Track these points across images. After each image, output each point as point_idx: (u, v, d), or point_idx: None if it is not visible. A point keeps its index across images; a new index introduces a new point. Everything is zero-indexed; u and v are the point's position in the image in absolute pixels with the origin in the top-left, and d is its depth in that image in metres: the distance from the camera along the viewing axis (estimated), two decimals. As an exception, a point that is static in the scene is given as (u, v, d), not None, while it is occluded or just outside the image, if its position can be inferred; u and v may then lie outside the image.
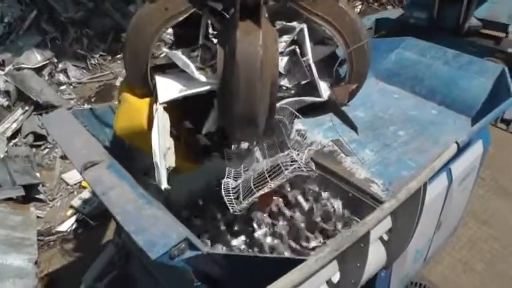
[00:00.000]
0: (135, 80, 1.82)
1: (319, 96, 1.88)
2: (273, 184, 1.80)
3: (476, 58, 3.10)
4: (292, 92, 1.89)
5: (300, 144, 1.94)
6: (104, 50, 6.31)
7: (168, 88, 1.77)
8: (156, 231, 1.57)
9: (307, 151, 1.87)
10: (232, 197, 1.81)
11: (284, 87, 1.87)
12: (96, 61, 6.20)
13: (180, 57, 1.75)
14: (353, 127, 2.05)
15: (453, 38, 5.02)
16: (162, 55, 1.92)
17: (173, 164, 1.83)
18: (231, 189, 1.85)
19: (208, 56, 1.75)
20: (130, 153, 2.19)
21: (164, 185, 1.76)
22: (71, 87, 5.88)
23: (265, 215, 2.27)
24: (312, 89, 1.88)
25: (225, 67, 1.60)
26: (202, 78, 1.72)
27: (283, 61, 1.84)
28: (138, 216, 1.64)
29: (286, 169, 1.79)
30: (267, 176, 1.80)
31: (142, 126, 1.80)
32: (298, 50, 1.81)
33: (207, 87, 1.74)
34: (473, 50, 4.61)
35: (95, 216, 4.00)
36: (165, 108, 1.76)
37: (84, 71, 6.12)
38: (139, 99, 1.83)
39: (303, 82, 1.86)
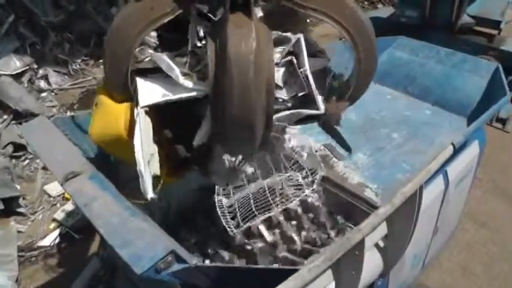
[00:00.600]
0: (114, 84, 1.76)
1: (317, 108, 1.85)
2: (279, 209, 1.79)
3: (469, 56, 3.13)
4: (289, 104, 1.87)
5: (299, 165, 1.94)
6: (86, 55, 6.28)
7: (150, 91, 1.73)
8: (142, 244, 1.54)
9: (316, 178, 1.87)
10: (229, 217, 1.79)
11: (280, 100, 1.86)
12: (78, 66, 6.17)
13: (164, 59, 1.71)
14: (347, 148, 2.05)
15: (446, 36, 5.08)
16: (146, 59, 1.90)
17: (158, 172, 1.77)
18: (225, 209, 1.82)
19: (194, 62, 1.73)
20: (115, 162, 2.17)
21: (150, 194, 1.70)
22: (52, 94, 5.83)
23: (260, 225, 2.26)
24: (308, 101, 1.86)
25: (216, 65, 1.55)
26: (188, 84, 1.68)
27: (279, 72, 1.80)
28: (122, 229, 1.61)
29: (295, 195, 1.77)
30: (270, 199, 1.78)
31: (120, 132, 1.74)
32: (295, 61, 1.78)
33: (193, 94, 1.71)
34: (467, 48, 4.66)
35: (79, 229, 3.95)
36: (146, 113, 1.72)
37: (66, 76, 6.08)
38: (118, 104, 1.78)
39: (300, 94, 1.83)
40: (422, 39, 3.37)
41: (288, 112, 1.84)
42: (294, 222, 2.24)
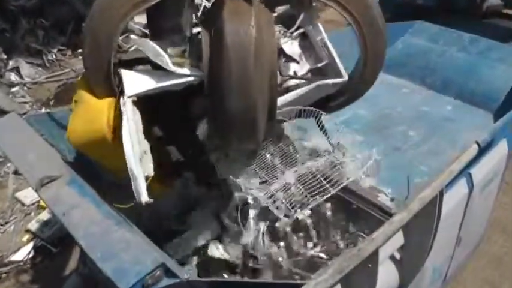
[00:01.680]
0: (95, 76, 1.77)
1: (340, 76, 1.91)
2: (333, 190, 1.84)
3: (496, 43, 3.14)
4: (303, 81, 1.92)
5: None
6: (63, 44, 6.30)
7: (138, 80, 1.74)
8: (127, 257, 1.56)
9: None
10: (275, 208, 1.83)
11: (288, 78, 1.91)
12: (54, 57, 6.19)
13: (151, 45, 1.72)
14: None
15: (470, 20, 5.09)
16: (132, 48, 1.91)
17: (152, 172, 1.75)
18: (268, 200, 1.86)
19: (194, 51, 1.74)
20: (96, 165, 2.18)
21: (144, 197, 1.66)
22: (25, 88, 5.86)
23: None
24: (325, 73, 1.94)
25: (212, 55, 1.58)
26: (179, 71, 1.70)
27: (293, 45, 1.88)
28: (105, 240, 1.63)
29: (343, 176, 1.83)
30: (322, 180, 1.83)
31: (102, 132, 1.73)
32: (309, 31, 1.87)
33: (187, 79, 1.71)
34: (493, 33, 4.67)
35: (56, 241, 3.96)
36: (134, 104, 1.72)
37: (40, 68, 6.10)
38: (100, 100, 1.79)
39: (320, 64, 1.91)
40: (443, 24, 3.38)
41: (307, 87, 1.88)
42: (301, 234, 2.26)
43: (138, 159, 1.67)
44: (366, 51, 1.92)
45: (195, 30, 1.82)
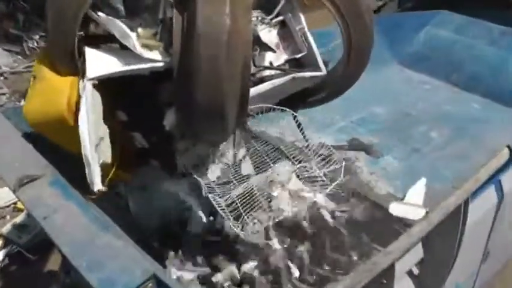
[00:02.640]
0: (58, 52, 1.78)
1: (318, 69, 1.96)
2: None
3: (530, 36, 3.15)
4: (278, 72, 1.97)
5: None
6: (46, 30, 6.31)
7: (101, 61, 1.76)
8: (115, 266, 1.56)
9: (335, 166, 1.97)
10: (231, 218, 1.87)
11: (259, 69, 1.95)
12: (35, 44, 6.22)
13: (117, 25, 1.73)
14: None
15: (500, 10, 5.08)
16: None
17: (109, 159, 1.83)
18: (226, 209, 1.88)
19: (165, 34, 1.76)
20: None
21: (98, 185, 1.74)
22: (2, 78, 5.87)
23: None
24: (302, 65, 2.00)
25: (183, 42, 1.61)
26: (146, 55, 1.72)
27: (271, 33, 1.93)
28: (90, 247, 1.62)
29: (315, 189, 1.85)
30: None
31: (61, 113, 1.75)
32: (289, 19, 1.92)
33: (154, 65, 1.74)
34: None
35: (33, 248, 3.97)
36: (94, 87, 1.74)
37: (20, 57, 6.13)
38: (62, 78, 1.80)
39: (298, 56, 1.96)
40: (470, 15, 3.39)
41: (282, 78, 1.92)
42: (307, 244, 2.27)
43: (94, 145, 1.72)
44: (350, 46, 1.96)
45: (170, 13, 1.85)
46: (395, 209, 2.14)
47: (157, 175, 2.23)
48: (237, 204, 1.93)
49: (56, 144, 1.95)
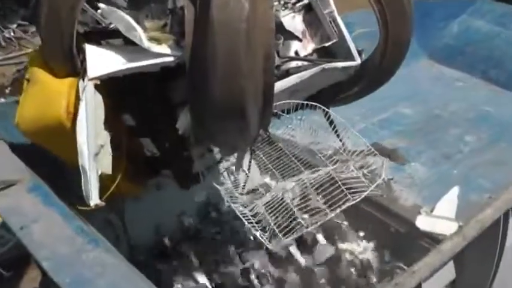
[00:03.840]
0: (54, 51, 1.78)
1: (351, 58, 1.94)
2: (333, 213, 1.85)
3: None
4: (306, 63, 1.95)
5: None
6: (24, 18, 6.35)
7: (104, 59, 1.75)
8: (103, 283, 1.56)
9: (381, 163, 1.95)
10: (259, 230, 1.87)
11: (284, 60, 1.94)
12: (12, 34, 6.24)
13: (122, 17, 1.74)
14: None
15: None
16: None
17: (108, 170, 1.80)
18: (252, 220, 1.88)
19: (176, 26, 1.76)
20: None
21: (95, 199, 1.70)
22: (-26, 72, 5.92)
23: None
24: (333, 55, 1.98)
25: (196, 32, 1.60)
26: (155, 49, 1.72)
27: (295, 20, 1.92)
28: (75, 262, 1.63)
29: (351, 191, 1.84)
30: (322, 205, 1.85)
31: (59, 119, 1.74)
32: (317, 1, 1.91)
33: (164, 59, 1.73)
34: None
35: (8, 262, 3.97)
36: (96, 88, 1.73)
37: (-6, 49, 6.16)
38: (59, 80, 1.79)
39: (328, 44, 1.94)
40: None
41: (310, 71, 1.90)
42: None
43: (92, 154, 1.70)
44: (387, 35, 1.95)
45: (181, 2, 1.84)
46: (423, 222, 2.14)
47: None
48: (263, 213, 1.93)
49: (35, 145, 1.94)
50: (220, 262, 2.40)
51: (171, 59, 1.71)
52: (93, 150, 1.70)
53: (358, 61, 1.95)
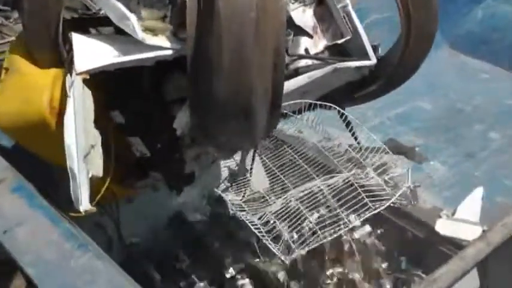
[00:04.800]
0: (37, 40, 1.77)
1: (366, 57, 1.94)
2: (352, 224, 1.86)
3: None
4: (316, 62, 1.94)
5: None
6: (6, 3, 6.36)
7: (94, 51, 1.73)
8: (93, 292, 1.58)
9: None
10: (269, 240, 1.86)
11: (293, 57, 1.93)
12: (-9, 20, 6.27)
13: (113, 4, 1.71)
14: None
15: None
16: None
17: (100, 172, 1.76)
18: (261, 228, 1.88)
19: (176, 16, 1.75)
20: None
21: (85, 204, 1.67)
22: (-49, 63, 5.93)
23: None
24: (346, 53, 1.97)
25: (199, 24, 1.58)
26: (150, 41, 1.70)
27: (306, 14, 1.90)
28: (63, 269, 1.62)
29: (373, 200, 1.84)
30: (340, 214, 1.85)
31: (42, 114, 1.72)
32: None
33: (160, 53, 1.71)
34: None
35: (-12, 269, 3.99)
36: (85, 83, 1.70)
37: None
38: (43, 71, 1.78)
39: (341, 41, 1.93)
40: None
41: (321, 71, 1.89)
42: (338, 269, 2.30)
43: (82, 155, 1.67)
44: (409, 27, 1.92)
45: None
46: (444, 226, 2.13)
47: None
48: (275, 222, 1.92)
49: (21, 147, 1.95)
50: (220, 270, 2.41)
51: (168, 52, 1.70)
52: (83, 151, 1.68)
53: (373, 60, 1.95)
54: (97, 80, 1.73)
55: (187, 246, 2.43)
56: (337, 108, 2.04)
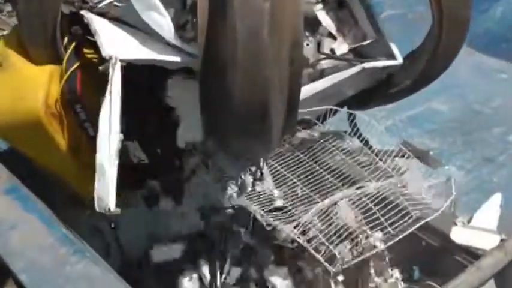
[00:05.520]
0: (33, 35, 1.76)
1: (392, 57, 1.95)
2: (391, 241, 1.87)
3: None
4: (342, 63, 1.95)
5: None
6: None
7: (126, 42, 1.73)
8: (90, 301, 1.59)
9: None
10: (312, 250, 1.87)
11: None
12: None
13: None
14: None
15: None
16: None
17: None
18: (301, 238, 1.89)
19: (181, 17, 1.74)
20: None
21: (112, 204, 1.60)
22: None
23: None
24: (370, 54, 1.98)
25: (211, 18, 1.57)
26: (188, 48, 1.70)
27: (328, 16, 1.93)
28: (58, 275, 1.63)
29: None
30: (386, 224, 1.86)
31: (36, 113, 1.71)
32: None
33: (188, 59, 1.72)
34: None
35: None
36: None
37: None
38: (38, 67, 1.78)
39: (366, 42, 1.95)
40: None
41: (347, 72, 1.90)
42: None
43: (114, 149, 1.61)
44: (441, 14, 1.90)
45: None
46: (460, 234, 2.13)
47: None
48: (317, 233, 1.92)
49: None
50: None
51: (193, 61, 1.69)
52: (115, 145, 1.62)
53: (400, 60, 1.96)
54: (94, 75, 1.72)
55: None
56: (349, 111, 2.08)
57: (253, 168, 2.07)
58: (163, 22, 1.67)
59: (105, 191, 1.59)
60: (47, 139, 1.72)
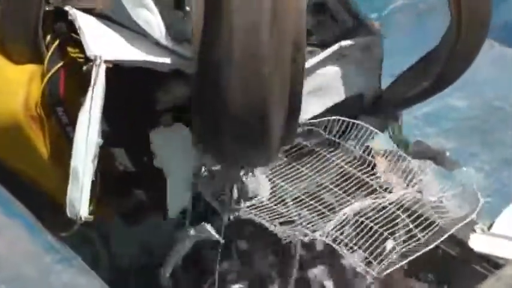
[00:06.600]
0: (13, 33, 1.79)
1: (371, 32, 2.06)
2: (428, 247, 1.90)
3: None
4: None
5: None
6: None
7: (112, 41, 1.75)
8: (76, 311, 1.59)
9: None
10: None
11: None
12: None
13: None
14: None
15: None
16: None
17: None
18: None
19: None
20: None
21: (83, 211, 1.63)
22: None
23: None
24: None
25: (206, 17, 1.57)
26: (180, 49, 1.73)
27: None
28: (42, 286, 1.65)
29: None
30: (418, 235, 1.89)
31: (16, 115, 1.73)
32: None
33: (182, 63, 1.74)
34: None
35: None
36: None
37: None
38: (18, 67, 1.80)
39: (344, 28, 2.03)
40: None
41: (326, 51, 1.97)
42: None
43: (91, 155, 1.64)
44: (459, 10, 1.92)
45: None
46: (479, 242, 2.13)
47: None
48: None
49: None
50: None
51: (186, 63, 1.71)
52: (93, 150, 1.64)
53: (377, 33, 2.03)
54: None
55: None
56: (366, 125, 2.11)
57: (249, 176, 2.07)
58: (153, 21, 1.70)
59: (77, 197, 1.62)
60: (26, 144, 1.73)
